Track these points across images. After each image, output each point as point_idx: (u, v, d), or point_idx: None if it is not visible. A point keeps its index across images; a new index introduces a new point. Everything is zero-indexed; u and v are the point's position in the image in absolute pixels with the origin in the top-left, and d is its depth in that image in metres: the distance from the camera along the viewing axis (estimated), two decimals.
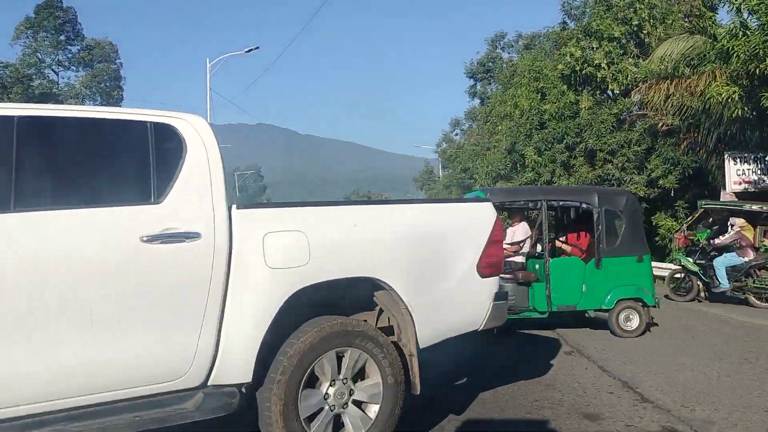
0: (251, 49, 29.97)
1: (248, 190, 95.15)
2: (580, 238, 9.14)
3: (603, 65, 21.74)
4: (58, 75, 48.56)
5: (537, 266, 8.46)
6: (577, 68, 21.90)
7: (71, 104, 46.17)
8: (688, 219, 15.06)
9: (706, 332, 9.24)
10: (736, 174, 15.66)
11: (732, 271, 12.02)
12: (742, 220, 12.57)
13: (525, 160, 23.22)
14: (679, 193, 20.87)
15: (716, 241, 12.56)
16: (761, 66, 11.97)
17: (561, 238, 9.63)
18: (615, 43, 22.27)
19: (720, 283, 12.13)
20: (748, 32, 12.55)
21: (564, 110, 22.31)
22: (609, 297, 8.23)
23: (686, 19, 22.54)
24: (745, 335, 8.95)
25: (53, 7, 46.28)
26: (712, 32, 19.46)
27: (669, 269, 15.49)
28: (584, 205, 8.43)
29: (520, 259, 8.60)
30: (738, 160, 15.74)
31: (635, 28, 22.74)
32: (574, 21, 27.45)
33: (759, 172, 15.49)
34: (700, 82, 16.68)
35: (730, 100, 13.53)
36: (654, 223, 20.98)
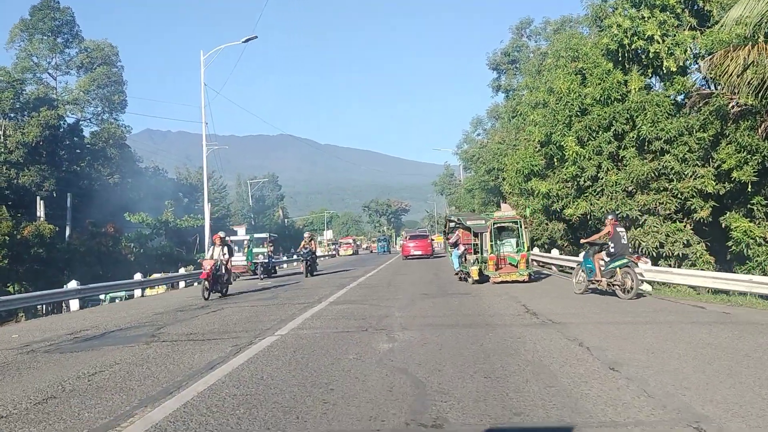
0: (249, 39, 26.91)
1: (265, 201, 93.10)
2: None
3: (656, 38, 18.20)
4: (56, 79, 46.04)
5: None
6: (626, 42, 18.39)
7: (68, 109, 43.60)
8: (445, 227, 22.30)
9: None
10: None
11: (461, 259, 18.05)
12: None
13: (564, 152, 19.69)
14: (756, 187, 17.15)
15: (450, 240, 19.41)
16: None
17: None
18: (669, 12, 18.75)
19: (456, 267, 18.28)
20: None
21: (610, 92, 18.77)
22: None
23: None
24: None
25: (49, 8, 43.75)
26: None
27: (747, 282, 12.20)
28: None
29: None
30: None
31: None
32: None
33: None
34: None
35: None
36: (725, 225, 17.30)
